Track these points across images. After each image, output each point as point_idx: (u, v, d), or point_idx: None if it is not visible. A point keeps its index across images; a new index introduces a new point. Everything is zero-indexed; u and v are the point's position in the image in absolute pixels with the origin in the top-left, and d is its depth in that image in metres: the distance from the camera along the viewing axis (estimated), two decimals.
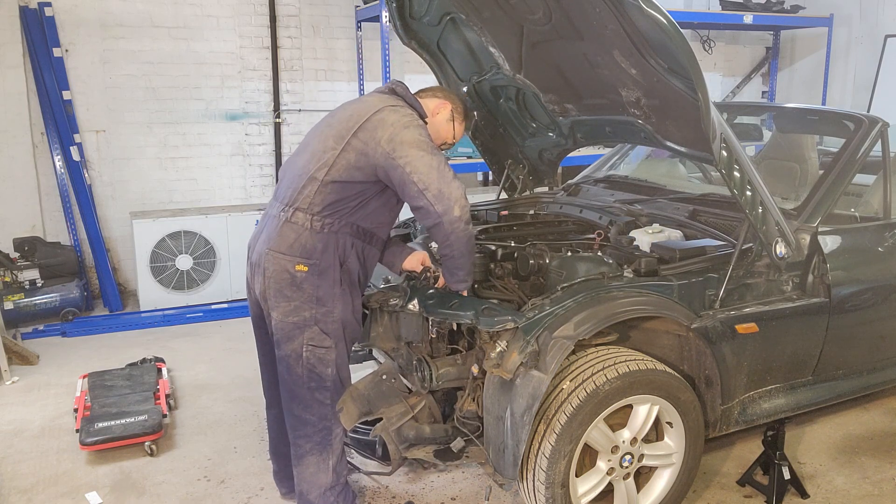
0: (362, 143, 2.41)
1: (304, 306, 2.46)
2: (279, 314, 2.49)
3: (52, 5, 5.40)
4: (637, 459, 2.67)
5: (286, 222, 2.46)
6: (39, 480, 3.20)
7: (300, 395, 2.56)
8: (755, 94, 8.34)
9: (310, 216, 2.44)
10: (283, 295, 2.47)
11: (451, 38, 3.52)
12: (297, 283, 2.45)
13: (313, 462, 2.61)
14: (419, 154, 2.36)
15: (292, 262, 2.44)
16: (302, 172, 2.48)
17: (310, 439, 2.59)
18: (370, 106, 2.48)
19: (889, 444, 3.47)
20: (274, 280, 2.46)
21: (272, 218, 2.52)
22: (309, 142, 2.56)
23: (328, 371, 2.54)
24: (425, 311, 2.66)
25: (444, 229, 2.42)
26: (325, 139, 2.48)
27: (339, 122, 2.49)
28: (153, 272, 5.45)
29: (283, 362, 2.55)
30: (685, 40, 2.30)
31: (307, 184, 2.45)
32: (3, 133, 5.39)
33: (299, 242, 2.44)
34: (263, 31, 6.11)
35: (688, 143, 2.98)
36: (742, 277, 2.88)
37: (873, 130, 3.30)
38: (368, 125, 2.42)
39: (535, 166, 4.17)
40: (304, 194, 2.45)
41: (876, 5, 7.26)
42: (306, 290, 2.46)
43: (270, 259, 2.46)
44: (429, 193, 2.36)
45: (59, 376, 4.32)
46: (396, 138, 2.38)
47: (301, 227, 2.44)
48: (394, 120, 2.42)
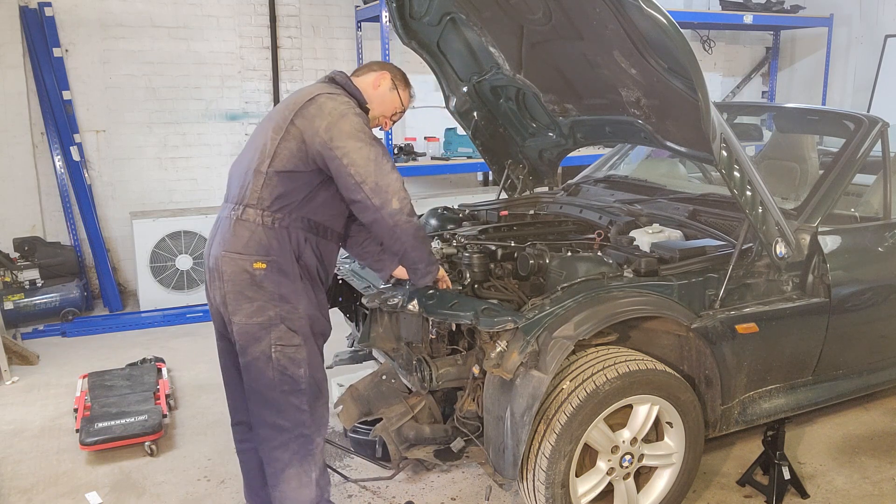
0: (300, 130, 2.34)
1: (267, 305, 2.36)
2: (242, 317, 2.36)
3: (52, 5, 5.40)
4: (637, 459, 2.67)
5: (237, 220, 2.37)
6: (39, 480, 3.20)
7: (273, 400, 2.42)
8: (755, 94, 8.34)
9: (260, 211, 2.35)
10: (244, 296, 2.35)
11: (451, 38, 3.52)
12: (256, 283, 2.35)
13: (294, 475, 2.45)
14: (357, 145, 2.30)
15: (249, 260, 2.34)
16: (247, 168, 2.41)
17: (287, 448, 2.43)
18: (307, 93, 2.42)
19: (889, 444, 3.47)
20: (232, 282, 2.35)
21: (224, 220, 2.43)
22: (253, 139, 2.50)
23: (300, 371, 2.41)
24: (425, 311, 2.66)
25: (385, 223, 2.36)
26: (265, 131, 2.42)
27: (277, 113, 2.44)
28: (153, 272, 5.45)
29: (250, 368, 2.41)
30: (685, 40, 2.29)
31: (253, 178, 2.37)
32: (3, 133, 5.39)
33: (254, 240, 2.35)
34: (263, 31, 6.12)
35: (688, 143, 2.98)
36: (742, 277, 2.87)
37: (873, 130, 3.30)
38: (305, 112, 2.35)
39: (535, 166, 4.17)
40: (252, 189, 2.37)
41: (876, 5, 7.26)
42: (267, 289, 2.35)
43: (226, 261, 2.36)
44: (366, 187, 2.29)
45: (59, 376, 4.32)
46: (334, 128, 2.31)
47: (253, 224, 2.35)
48: (331, 108, 2.35)
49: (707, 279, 2.79)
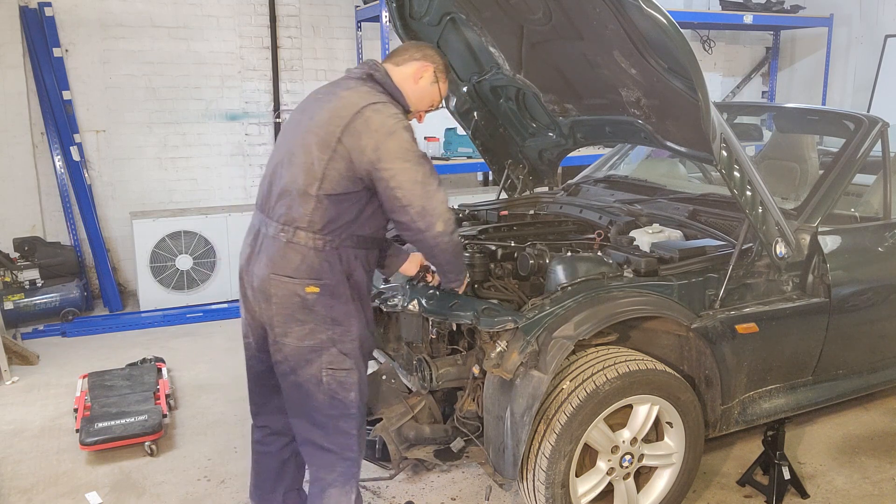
0: (347, 150, 2.23)
1: (319, 328, 2.29)
2: (293, 339, 2.30)
3: (52, 5, 5.40)
4: (637, 459, 2.67)
5: (288, 243, 2.26)
6: (39, 480, 3.20)
7: (321, 423, 2.36)
8: (755, 94, 8.34)
9: (312, 234, 2.26)
10: (295, 319, 2.28)
11: (451, 38, 3.52)
12: (308, 306, 2.27)
13: (334, 495, 2.41)
14: (404, 167, 2.21)
15: (301, 284, 2.26)
16: (292, 187, 2.28)
17: (333, 469, 2.40)
18: (350, 104, 2.26)
19: (889, 444, 3.47)
20: (282, 305, 2.28)
21: (270, 238, 2.31)
22: (292, 150, 2.32)
23: (351, 396, 2.35)
24: (425, 312, 2.66)
25: (427, 244, 2.33)
26: (309, 147, 2.26)
27: (319, 127, 2.26)
28: (153, 272, 5.45)
29: (300, 388, 2.35)
30: (685, 40, 2.30)
31: (301, 200, 2.25)
32: (3, 133, 5.39)
33: (306, 264, 2.26)
34: (263, 31, 6.11)
35: (688, 143, 2.98)
36: (742, 277, 2.88)
37: (873, 130, 3.30)
38: (352, 129, 2.22)
39: (535, 166, 4.17)
40: (302, 212, 2.25)
41: (876, 5, 7.26)
42: (319, 312, 2.28)
43: (276, 284, 2.27)
44: (412, 210, 2.22)
45: (59, 376, 4.32)
46: (381, 147, 2.21)
47: (305, 248, 2.26)
48: (378, 124, 2.23)
49: (707, 279, 2.79)
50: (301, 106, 2.45)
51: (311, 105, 2.39)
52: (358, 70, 2.44)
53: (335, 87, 2.39)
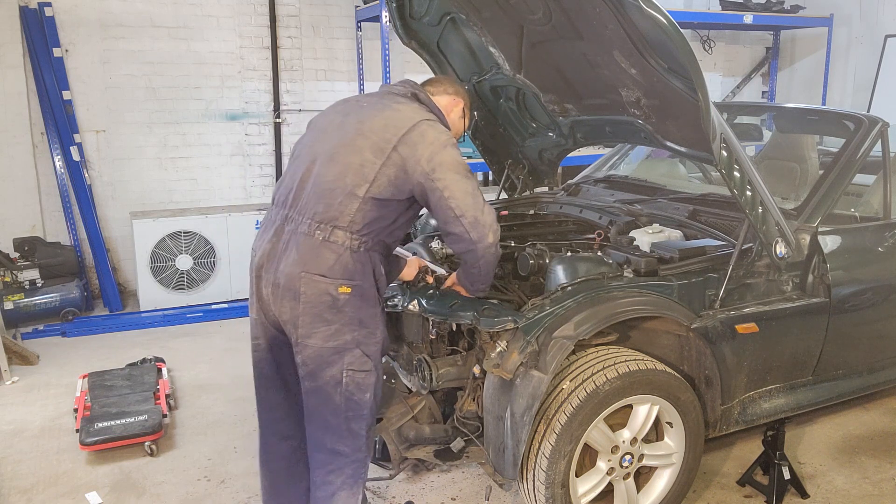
0: (403, 158, 2.28)
1: (344, 329, 2.29)
2: (317, 340, 2.28)
3: (52, 5, 5.40)
4: (637, 459, 2.67)
5: (324, 242, 2.25)
6: (39, 480, 3.20)
7: (334, 427, 2.37)
8: (755, 94, 8.34)
9: (349, 234, 2.27)
10: (323, 319, 2.27)
11: (451, 38, 3.52)
12: (338, 306, 2.27)
13: (343, 498, 2.41)
14: (457, 178, 2.29)
15: (334, 284, 2.25)
16: (335, 186, 2.28)
17: (342, 473, 2.40)
18: (406, 117, 2.35)
19: (889, 444, 3.47)
20: (311, 304, 2.26)
21: (302, 236, 2.28)
22: (334, 150, 2.33)
23: (366, 397, 2.37)
24: (425, 312, 2.66)
25: (476, 255, 2.39)
26: (360, 150, 2.29)
27: (373, 132, 2.31)
28: (153, 272, 5.45)
29: (319, 392, 2.34)
30: (685, 40, 2.30)
31: (346, 200, 2.26)
32: (3, 133, 5.39)
33: (340, 263, 2.26)
34: (263, 31, 6.11)
35: (688, 143, 2.97)
36: (742, 277, 2.88)
37: (873, 130, 3.30)
38: (409, 140, 2.29)
39: (535, 166, 4.17)
40: (345, 212, 2.26)
41: (876, 5, 7.26)
42: (347, 313, 2.28)
43: (307, 282, 2.25)
44: (465, 220, 2.29)
45: (59, 376, 4.32)
46: (436, 158, 2.28)
47: (341, 247, 2.26)
48: (433, 137, 2.31)
49: (707, 279, 2.79)
50: (337, 110, 2.49)
51: (355, 110, 2.42)
52: (401, 87, 2.51)
53: (383, 98, 2.45)
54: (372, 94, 2.53)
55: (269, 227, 2.40)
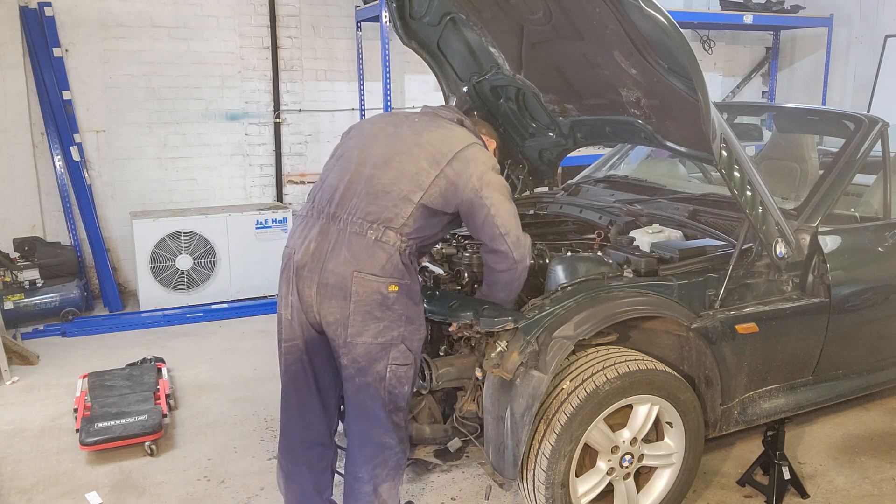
0: (455, 173, 2.38)
1: (392, 325, 2.35)
2: (368, 337, 2.33)
3: (52, 5, 5.40)
4: (637, 459, 2.67)
5: (377, 241, 2.30)
6: (39, 480, 3.20)
7: (381, 420, 2.43)
8: (755, 94, 8.34)
9: (400, 236, 2.33)
10: (373, 316, 2.32)
11: (451, 38, 3.52)
12: (388, 304, 2.33)
13: (386, 489, 2.49)
14: (502, 199, 2.41)
15: (385, 283, 2.31)
16: (390, 190, 2.35)
17: (386, 465, 2.47)
18: (460, 137, 2.47)
19: (889, 444, 3.47)
20: (363, 302, 2.30)
21: (353, 235, 2.32)
22: (389, 156, 2.40)
23: (405, 389, 2.44)
24: (425, 312, 2.66)
25: (514, 274, 2.49)
26: (416, 159, 2.38)
27: (430, 144, 2.41)
28: (153, 272, 5.45)
29: (367, 389, 2.39)
30: (685, 40, 2.30)
31: (401, 203, 2.33)
32: (3, 133, 5.39)
33: (391, 263, 2.32)
34: (263, 31, 6.12)
35: (688, 143, 2.97)
36: (742, 277, 2.88)
37: (873, 130, 3.30)
38: (462, 157, 2.41)
39: (535, 166, 4.16)
40: (399, 214, 2.33)
41: (876, 5, 7.26)
42: (396, 310, 2.34)
43: (359, 281, 2.29)
44: (509, 239, 2.40)
45: (59, 376, 4.32)
46: (485, 177, 2.41)
47: (392, 248, 2.32)
48: (484, 159, 2.46)
49: (707, 279, 2.79)
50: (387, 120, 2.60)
51: (407, 123, 2.53)
52: (448, 112, 2.65)
53: (434, 119, 2.57)
54: (419, 113, 2.64)
55: (312, 225, 2.41)
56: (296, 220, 2.53)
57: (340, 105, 6.54)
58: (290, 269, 2.41)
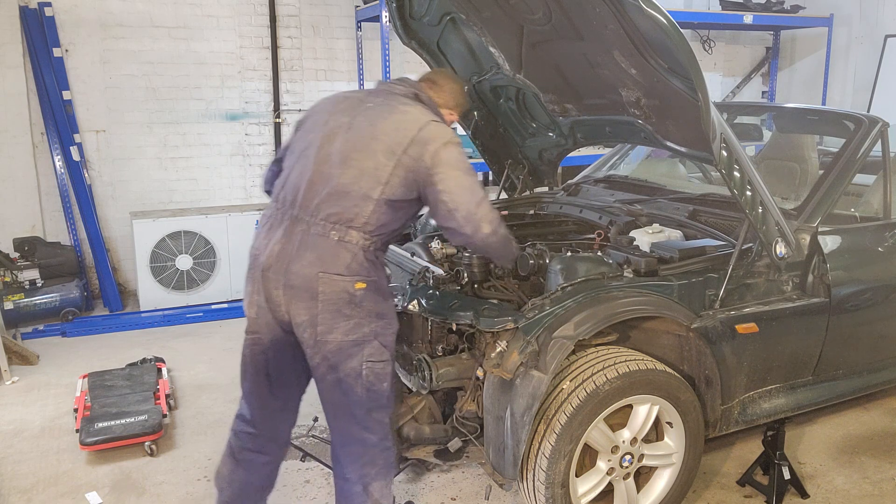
0: (412, 159, 2.32)
1: (363, 322, 2.34)
2: (338, 335, 2.33)
3: (52, 5, 5.40)
4: (637, 459, 2.67)
5: (340, 242, 2.30)
6: (39, 480, 3.20)
7: (360, 417, 2.42)
8: (755, 94, 8.34)
9: (363, 234, 2.32)
10: (342, 314, 2.32)
11: (451, 38, 3.52)
12: (356, 301, 2.32)
13: (378, 488, 2.46)
14: (455, 174, 2.33)
15: (352, 281, 2.31)
16: (351, 189, 2.32)
17: (374, 463, 2.45)
18: (414, 119, 2.38)
19: (889, 444, 3.47)
20: (330, 302, 2.30)
21: (316, 237, 2.31)
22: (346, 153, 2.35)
23: (385, 386, 2.43)
24: (425, 312, 2.66)
25: (476, 246, 2.47)
26: (374, 154, 2.32)
27: (385, 135, 2.34)
28: (153, 272, 5.45)
29: (340, 385, 2.38)
30: (685, 40, 2.30)
31: (361, 202, 2.31)
32: (3, 133, 5.39)
33: (356, 262, 2.31)
34: (263, 31, 6.11)
35: (688, 143, 2.98)
36: (742, 277, 2.88)
37: (873, 130, 3.30)
38: (418, 140, 2.33)
39: (535, 166, 4.17)
40: (360, 213, 2.31)
41: (876, 5, 7.26)
42: (366, 307, 2.34)
43: (325, 281, 2.29)
44: (458, 214, 2.33)
45: (59, 376, 4.32)
46: (438, 156, 2.32)
47: (356, 247, 2.31)
48: (438, 135, 2.36)
49: (707, 279, 2.79)
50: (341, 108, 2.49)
51: (362, 111, 2.43)
52: (402, 88, 2.52)
53: (389, 100, 2.46)
54: (374, 93, 2.52)
55: (276, 227, 2.39)
56: (261, 221, 2.50)
57: None
58: (255, 269, 2.41)
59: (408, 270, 2.97)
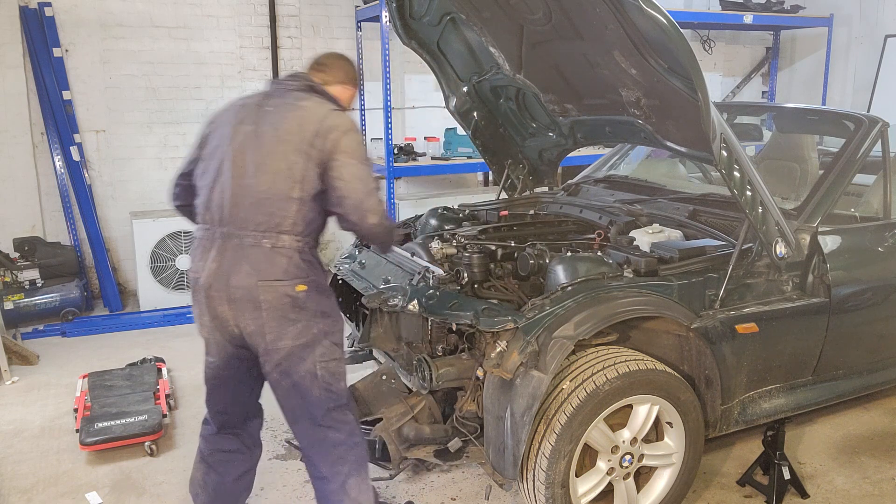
0: (318, 151, 2.35)
1: (311, 324, 2.37)
2: (288, 340, 2.35)
3: (52, 5, 5.40)
4: (637, 459, 2.67)
5: (273, 248, 2.33)
6: (39, 480, 3.20)
7: (322, 419, 2.44)
8: (755, 94, 8.34)
9: (294, 237, 2.35)
10: (288, 319, 2.34)
11: (451, 38, 3.53)
12: (300, 304, 2.35)
13: (355, 484, 2.47)
14: (350, 162, 2.36)
15: (291, 285, 2.34)
16: (270, 195, 2.33)
17: (346, 461, 2.46)
18: (314, 113, 2.41)
19: (889, 444, 3.47)
20: (274, 309, 2.32)
21: (249, 248, 2.33)
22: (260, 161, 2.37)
23: (341, 385, 2.46)
24: (425, 312, 2.66)
25: (361, 233, 2.50)
26: (285, 154, 2.35)
27: (290, 135, 2.36)
28: (153, 272, 5.45)
29: (296, 389, 2.41)
30: (685, 40, 2.30)
31: (284, 205, 2.33)
32: (3, 133, 5.39)
33: (293, 264, 2.34)
34: (263, 31, 6.11)
35: (688, 143, 2.98)
36: (742, 277, 2.88)
37: (873, 130, 3.30)
38: (321, 132, 2.36)
39: (535, 166, 4.17)
40: (286, 216, 2.33)
41: (876, 5, 7.26)
42: (310, 308, 2.37)
43: (265, 290, 2.31)
44: (347, 202, 2.35)
45: (59, 376, 4.32)
46: (338, 144, 2.35)
47: (290, 250, 2.34)
48: (339, 124, 2.39)
49: (707, 279, 2.79)
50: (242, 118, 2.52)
51: (263, 116, 2.46)
52: (296, 83, 2.54)
53: (285, 98, 2.48)
54: (270, 94, 2.54)
55: (209, 247, 2.40)
56: (194, 243, 2.50)
57: None
58: (199, 292, 2.44)
59: (408, 270, 2.97)
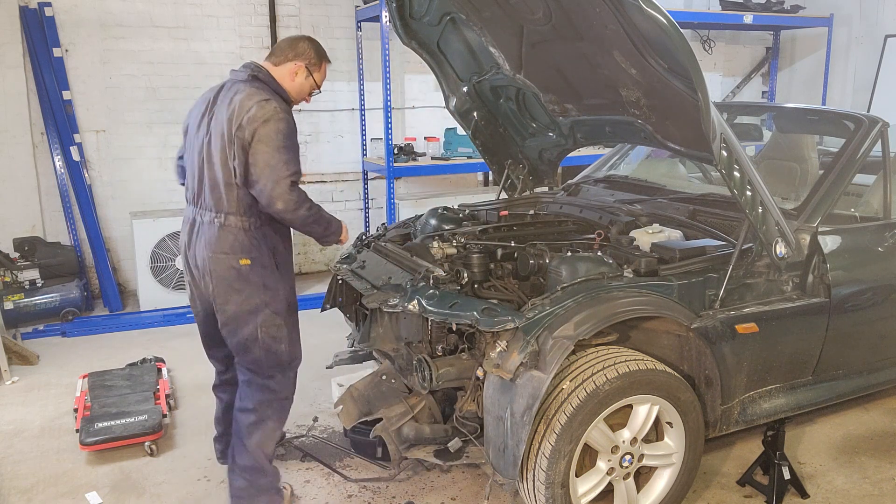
0: (240, 141, 2.60)
1: (253, 294, 2.72)
2: (233, 306, 2.73)
3: (52, 5, 5.40)
4: (637, 459, 2.67)
5: (222, 227, 2.69)
6: (39, 480, 3.20)
7: (261, 370, 2.81)
8: (755, 94, 8.34)
9: (239, 217, 2.68)
10: (233, 288, 2.71)
11: (451, 38, 3.53)
12: (243, 276, 2.70)
13: (270, 429, 2.84)
14: (265, 149, 2.57)
15: (236, 258, 2.69)
16: (217, 182, 2.67)
17: (271, 406, 2.84)
18: (242, 105, 2.62)
19: (889, 444, 3.47)
20: (222, 278, 2.70)
21: (206, 225, 2.72)
22: (210, 151, 2.69)
23: (282, 347, 2.80)
24: (425, 312, 2.66)
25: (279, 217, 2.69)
26: (223, 144, 2.63)
27: (226, 124, 2.63)
28: (153, 272, 5.45)
29: (241, 346, 2.78)
30: (685, 40, 2.30)
31: (226, 190, 2.65)
32: (3, 133, 5.39)
33: (238, 241, 2.69)
34: (263, 31, 6.12)
35: (688, 143, 2.98)
36: (742, 277, 2.88)
37: (873, 130, 3.30)
38: (245, 123, 2.58)
39: (535, 166, 4.17)
40: (230, 200, 2.66)
41: (876, 5, 7.26)
42: (253, 281, 2.71)
43: (216, 261, 2.70)
44: (258, 186, 2.60)
45: (59, 376, 4.32)
46: (257, 132, 2.57)
47: (236, 229, 2.68)
48: (260, 114, 2.59)
49: (707, 279, 2.79)
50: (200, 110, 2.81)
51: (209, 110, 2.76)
52: (242, 73, 2.77)
53: (229, 91, 2.72)
54: (224, 86, 2.77)
55: (186, 223, 2.85)
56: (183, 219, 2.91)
57: (340, 105, 6.55)
58: (183, 258, 2.89)
59: (408, 270, 2.97)
